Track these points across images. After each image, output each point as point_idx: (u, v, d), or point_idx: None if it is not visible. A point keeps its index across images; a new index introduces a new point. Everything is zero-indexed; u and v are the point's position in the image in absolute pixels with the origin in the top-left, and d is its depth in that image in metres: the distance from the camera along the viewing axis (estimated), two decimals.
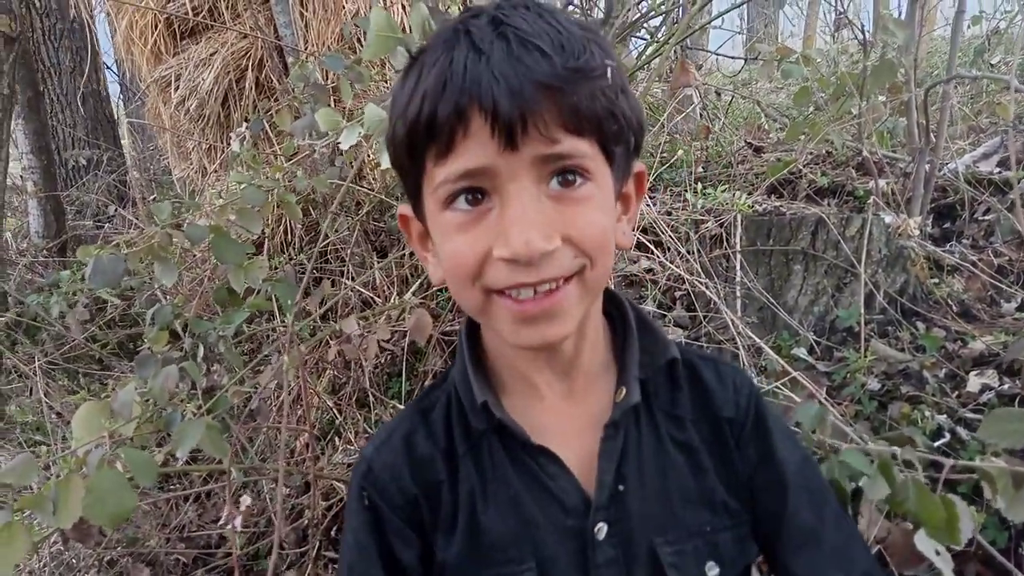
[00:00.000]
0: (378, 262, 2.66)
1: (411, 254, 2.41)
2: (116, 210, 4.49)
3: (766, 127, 3.71)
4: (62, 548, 1.91)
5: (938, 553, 0.97)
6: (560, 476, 0.68)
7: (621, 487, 0.68)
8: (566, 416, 0.71)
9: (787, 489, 0.72)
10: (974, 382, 1.73)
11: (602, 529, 0.67)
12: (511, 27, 0.56)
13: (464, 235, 0.60)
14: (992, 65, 3.35)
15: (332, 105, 1.89)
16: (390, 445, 0.72)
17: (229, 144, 2.75)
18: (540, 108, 0.55)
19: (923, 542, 0.96)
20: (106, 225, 4.57)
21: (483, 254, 0.60)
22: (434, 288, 2.17)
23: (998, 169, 2.67)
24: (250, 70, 3.38)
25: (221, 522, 1.93)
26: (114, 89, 6.40)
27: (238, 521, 1.39)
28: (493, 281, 0.60)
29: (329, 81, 2.65)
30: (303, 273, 2.66)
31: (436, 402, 0.74)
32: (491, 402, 0.68)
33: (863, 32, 2.25)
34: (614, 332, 0.75)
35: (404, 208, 0.69)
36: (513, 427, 0.68)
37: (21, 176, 4.52)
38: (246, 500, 1.39)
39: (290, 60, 3.06)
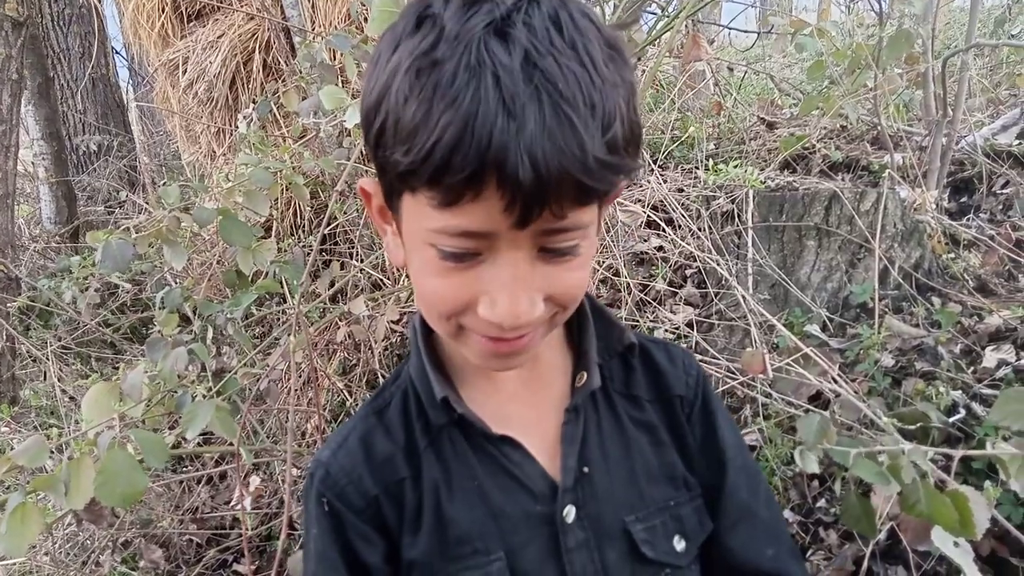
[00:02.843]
0: None
1: None
2: (127, 195, 4.50)
3: (779, 102, 3.66)
4: (76, 530, 1.94)
5: (956, 544, 0.96)
6: (525, 463, 0.68)
7: (586, 469, 0.68)
8: (526, 404, 0.71)
9: (727, 467, 0.74)
10: (990, 357, 1.70)
11: (570, 512, 0.67)
12: (546, 78, 0.49)
13: (447, 280, 0.56)
14: (1013, 36, 3.28)
15: (340, 85, 1.88)
16: (346, 448, 0.70)
17: (237, 127, 2.74)
18: (560, 194, 0.51)
19: (939, 536, 0.95)
20: (117, 210, 4.59)
21: (466, 302, 0.57)
22: None
23: (1017, 141, 2.61)
24: (257, 52, 3.36)
25: (233, 502, 1.94)
26: (123, 74, 6.41)
27: (247, 502, 1.39)
28: (471, 326, 0.59)
29: (336, 62, 2.63)
30: (311, 255, 2.65)
31: (391, 400, 0.72)
32: (451, 398, 0.66)
33: (879, 1, 2.20)
34: (568, 320, 0.72)
35: (368, 184, 0.62)
36: (474, 420, 0.67)
37: (32, 162, 4.54)
38: (255, 481, 1.39)
39: (297, 41, 3.04)
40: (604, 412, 0.72)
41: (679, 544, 0.70)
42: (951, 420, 1.55)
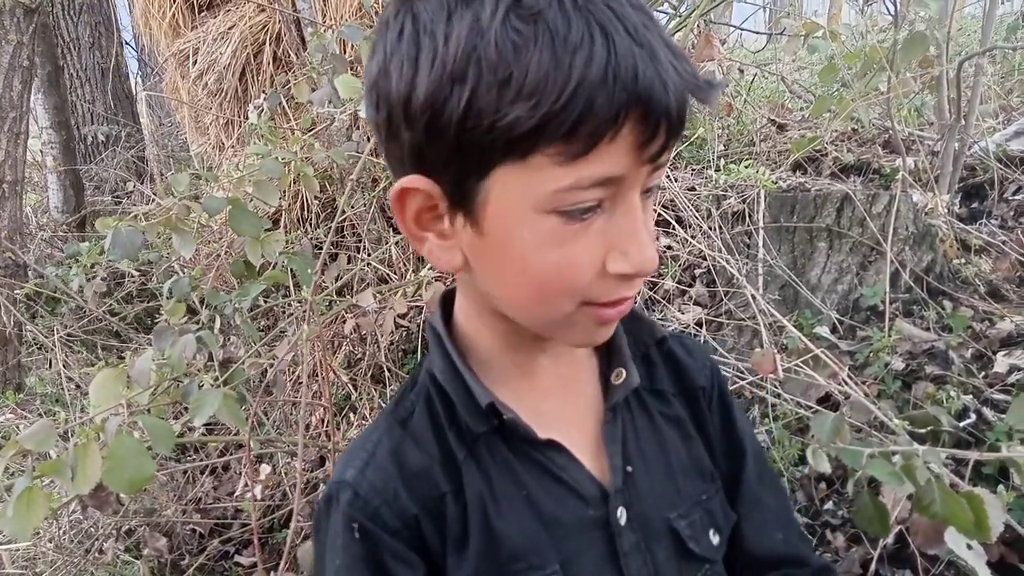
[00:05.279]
0: (394, 238, 2.64)
1: None
2: (134, 185, 4.50)
3: (789, 105, 3.65)
4: (81, 517, 1.93)
5: (969, 547, 0.96)
6: (570, 467, 0.64)
7: (629, 468, 0.66)
8: (562, 403, 0.68)
9: (745, 456, 0.74)
10: (1002, 362, 1.70)
11: (623, 514, 0.64)
12: (645, 13, 0.50)
13: (575, 246, 0.53)
14: None
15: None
16: (375, 465, 0.63)
17: (247, 118, 2.74)
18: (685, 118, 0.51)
19: (953, 538, 0.94)
20: (124, 200, 4.59)
21: (599, 267, 0.54)
22: None
23: None
24: (268, 44, 3.35)
25: (238, 492, 1.94)
26: (132, 64, 6.41)
27: (258, 490, 1.39)
28: (598, 294, 0.56)
29: (348, 54, 2.62)
30: (320, 248, 2.65)
31: (413, 409, 0.66)
32: (497, 403, 0.61)
33: (894, 4, 2.19)
34: None
35: (417, 181, 0.55)
36: (520, 425, 0.62)
37: (41, 151, 4.54)
38: (266, 469, 1.39)
39: (308, 33, 3.03)
40: (636, 409, 0.70)
41: (714, 538, 0.69)
42: (962, 424, 1.54)
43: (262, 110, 2.31)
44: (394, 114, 0.53)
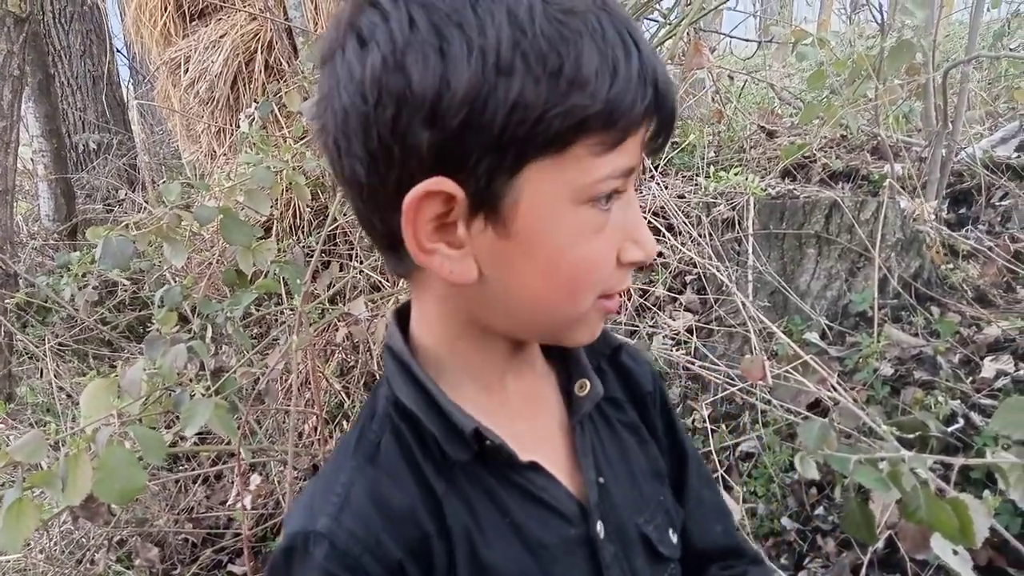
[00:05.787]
0: None
1: None
2: (126, 194, 4.50)
3: (779, 112, 3.67)
4: (72, 528, 1.93)
5: (955, 552, 0.97)
6: (549, 486, 0.63)
7: (602, 480, 0.66)
8: (531, 419, 0.66)
9: (688, 456, 0.77)
10: (989, 367, 1.71)
11: (601, 528, 0.64)
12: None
13: (600, 236, 0.55)
14: (1012, 50, 3.30)
15: None
16: (352, 510, 0.57)
17: (238, 127, 2.74)
18: None
19: (938, 544, 0.95)
20: (116, 208, 4.58)
21: (616, 256, 0.56)
22: None
23: (1016, 154, 2.63)
24: (259, 52, 3.36)
25: (230, 502, 1.94)
26: (123, 73, 6.41)
27: (248, 500, 1.38)
28: (613, 285, 0.58)
29: None
30: (311, 256, 2.65)
31: (379, 442, 0.60)
32: (482, 427, 0.58)
33: (881, 12, 2.21)
34: None
35: (446, 184, 0.50)
36: (507, 450, 0.60)
37: (31, 159, 4.54)
38: (255, 480, 1.39)
39: (299, 41, 3.04)
40: (598, 419, 0.70)
41: (673, 537, 0.70)
42: (949, 430, 1.55)
43: (254, 118, 2.32)
44: (407, 111, 0.48)
